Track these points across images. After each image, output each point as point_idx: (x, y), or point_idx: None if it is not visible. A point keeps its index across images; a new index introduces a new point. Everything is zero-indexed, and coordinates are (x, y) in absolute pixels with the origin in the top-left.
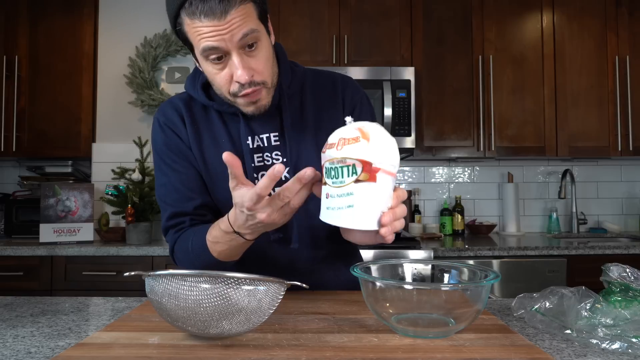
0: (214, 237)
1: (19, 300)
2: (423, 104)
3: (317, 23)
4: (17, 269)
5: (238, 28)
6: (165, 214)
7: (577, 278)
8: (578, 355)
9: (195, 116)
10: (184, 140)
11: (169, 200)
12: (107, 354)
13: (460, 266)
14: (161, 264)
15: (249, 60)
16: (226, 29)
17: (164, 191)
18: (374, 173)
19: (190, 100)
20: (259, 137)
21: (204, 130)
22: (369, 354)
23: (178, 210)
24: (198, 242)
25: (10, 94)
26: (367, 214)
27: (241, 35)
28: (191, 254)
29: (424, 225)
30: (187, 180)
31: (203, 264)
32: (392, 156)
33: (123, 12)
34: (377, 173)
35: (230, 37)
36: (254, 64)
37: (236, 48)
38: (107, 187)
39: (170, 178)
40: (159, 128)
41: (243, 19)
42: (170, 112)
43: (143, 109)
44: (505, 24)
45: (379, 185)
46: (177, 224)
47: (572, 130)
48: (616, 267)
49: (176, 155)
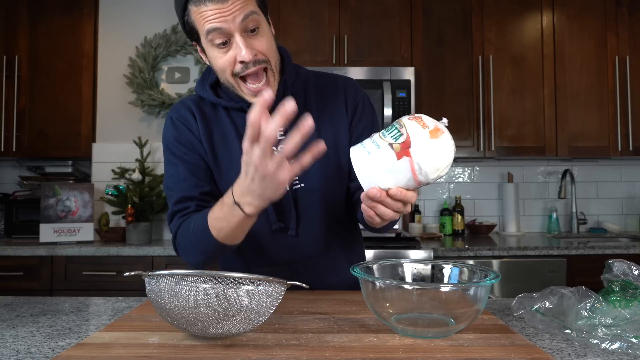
0: (216, 213)
1: (19, 300)
2: (423, 104)
3: (317, 23)
4: (17, 269)
5: (240, 10)
6: (171, 200)
7: (577, 278)
8: (578, 355)
9: (205, 114)
10: (195, 135)
11: (178, 187)
12: (107, 354)
13: (460, 266)
14: (161, 264)
15: (251, 41)
16: (229, 11)
17: (173, 181)
18: (403, 154)
19: (200, 100)
20: None
21: (214, 126)
22: (369, 354)
23: (185, 194)
24: (200, 223)
25: (10, 94)
26: (371, 169)
27: (243, 17)
28: (192, 237)
29: (424, 225)
30: (196, 170)
31: (203, 248)
32: (430, 160)
33: (123, 12)
34: (405, 156)
35: (233, 18)
36: (257, 45)
37: (239, 30)
38: (107, 187)
39: (179, 168)
40: (171, 124)
41: (244, 3)
42: (182, 110)
43: (143, 109)
44: (505, 24)
45: (400, 163)
46: (183, 209)
47: (572, 130)
48: (620, 263)
49: (186, 147)
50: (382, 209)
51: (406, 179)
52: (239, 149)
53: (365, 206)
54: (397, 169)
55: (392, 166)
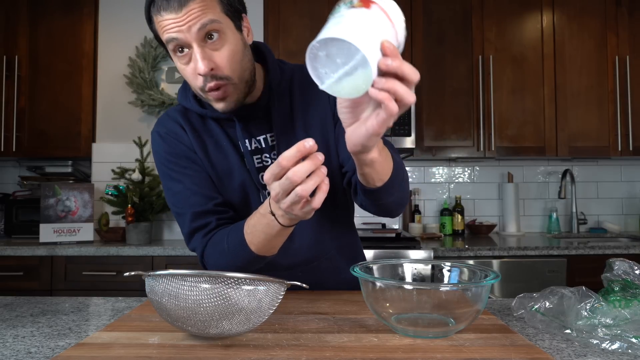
0: (252, 226)
1: (19, 300)
2: (423, 104)
3: (317, 23)
4: (17, 269)
5: (196, 19)
6: (186, 218)
7: (577, 278)
8: (578, 355)
9: (194, 125)
10: (189, 147)
11: (188, 203)
12: (107, 354)
13: (460, 266)
14: (161, 264)
15: (210, 53)
16: (184, 21)
17: (181, 198)
18: (369, 2)
19: (185, 111)
20: (255, 139)
21: (205, 137)
22: (369, 354)
23: (200, 209)
24: (235, 238)
25: (10, 94)
26: (351, 28)
27: (200, 26)
28: (228, 255)
29: (424, 225)
30: (202, 182)
31: (241, 263)
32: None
33: (123, 12)
34: (372, 4)
35: (188, 28)
36: (216, 57)
37: (196, 40)
38: (107, 187)
39: (183, 184)
40: (160, 140)
41: (201, 10)
42: (169, 124)
43: (143, 109)
44: (505, 24)
45: (372, 12)
46: (203, 225)
47: (572, 130)
48: (621, 262)
49: (184, 161)
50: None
51: (386, 28)
52: (235, 157)
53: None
54: (373, 19)
55: (367, 18)
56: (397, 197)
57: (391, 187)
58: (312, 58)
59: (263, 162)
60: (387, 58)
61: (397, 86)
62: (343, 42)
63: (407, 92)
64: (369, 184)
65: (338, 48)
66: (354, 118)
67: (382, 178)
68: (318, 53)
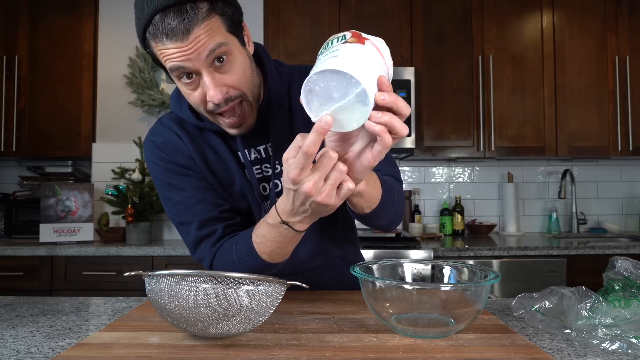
0: (261, 235)
1: (19, 300)
2: (423, 104)
3: (317, 23)
4: (17, 269)
5: (204, 46)
6: (191, 227)
7: (577, 278)
8: (578, 355)
9: (191, 134)
10: (188, 155)
11: (193, 211)
12: (107, 354)
13: (460, 266)
14: (161, 264)
15: (221, 77)
16: (191, 49)
17: (184, 207)
18: (362, 39)
19: (180, 120)
20: (255, 149)
21: (204, 146)
22: (369, 354)
23: (205, 217)
24: (243, 248)
25: (10, 94)
26: (350, 62)
27: (208, 52)
28: (238, 265)
29: (424, 225)
30: (205, 190)
31: (253, 272)
32: (381, 42)
33: (123, 12)
34: (366, 40)
35: (197, 55)
36: (227, 80)
37: (205, 66)
38: (107, 187)
39: (185, 192)
40: (156, 150)
41: (208, 35)
42: (165, 133)
43: (143, 109)
44: (505, 24)
45: (367, 48)
46: (210, 233)
47: (572, 130)
48: (624, 261)
49: (184, 169)
50: (395, 120)
51: (380, 63)
52: (236, 166)
53: (375, 126)
54: (368, 55)
55: (363, 53)
56: (386, 221)
57: (380, 213)
58: (308, 91)
59: (263, 172)
60: (383, 93)
61: (393, 120)
62: (344, 75)
63: (402, 125)
64: (358, 211)
65: (337, 81)
66: (343, 151)
67: (371, 205)
68: (314, 87)
